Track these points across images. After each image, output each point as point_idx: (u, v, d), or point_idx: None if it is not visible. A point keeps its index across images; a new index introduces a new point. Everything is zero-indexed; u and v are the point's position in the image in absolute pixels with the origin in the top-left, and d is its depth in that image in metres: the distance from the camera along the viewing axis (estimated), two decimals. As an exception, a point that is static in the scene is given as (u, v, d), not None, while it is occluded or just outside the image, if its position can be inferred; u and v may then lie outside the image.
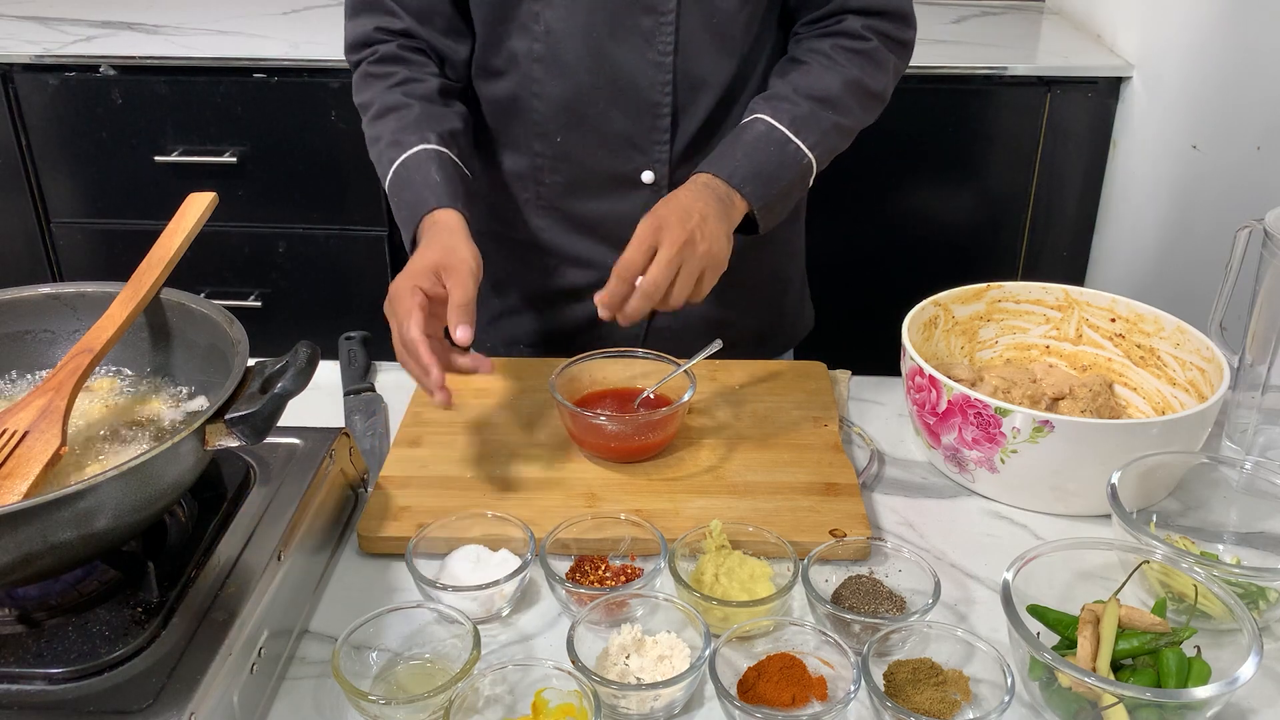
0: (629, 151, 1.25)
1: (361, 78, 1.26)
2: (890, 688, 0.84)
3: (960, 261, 2.37)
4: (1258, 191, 1.76)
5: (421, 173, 1.16)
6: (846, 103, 1.20)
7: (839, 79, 1.19)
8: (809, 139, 1.18)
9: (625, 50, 1.19)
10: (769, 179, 1.16)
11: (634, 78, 1.20)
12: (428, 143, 1.18)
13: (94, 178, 2.31)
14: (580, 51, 1.20)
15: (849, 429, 1.20)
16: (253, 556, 0.86)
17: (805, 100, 1.18)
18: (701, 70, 1.22)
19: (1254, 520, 1.00)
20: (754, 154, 1.16)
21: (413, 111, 1.20)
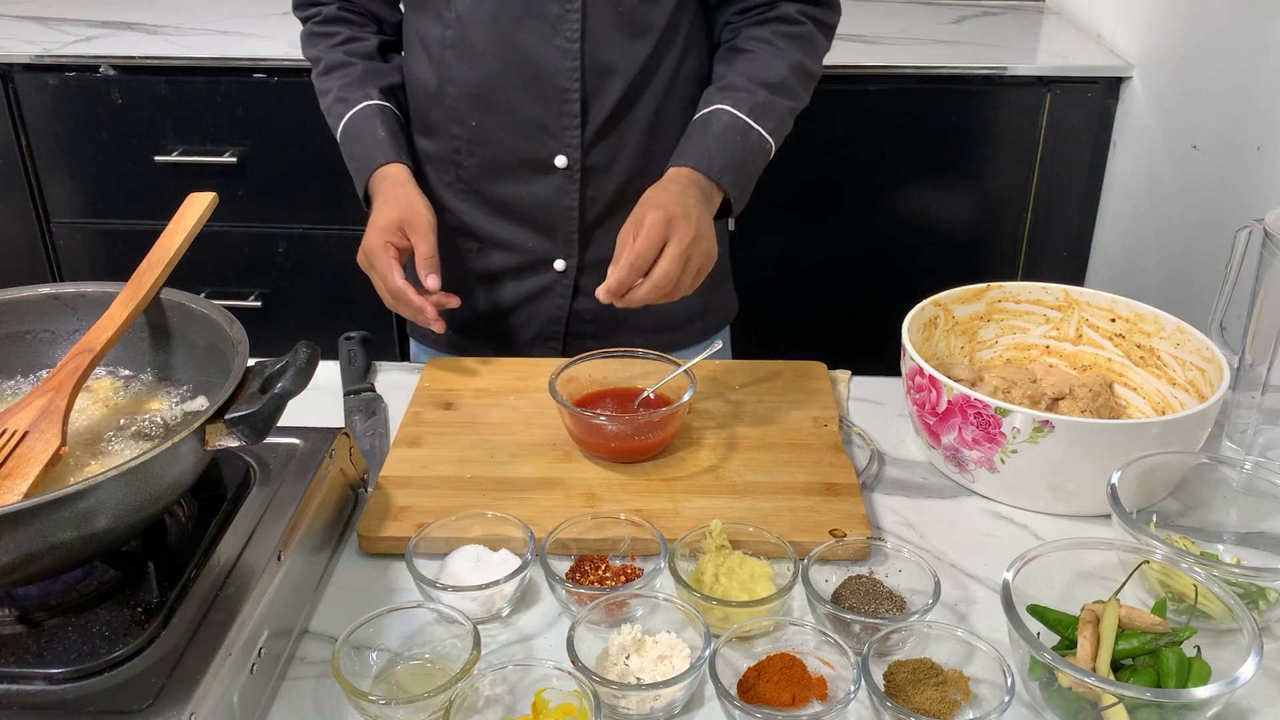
0: (541, 136, 1.28)
1: (308, 35, 1.37)
2: (890, 688, 0.84)
3: (960, 261, 2.37)
4: (1258, 191, 1.76)
5: (368, 128, 1.28)
6: (793, 86, 1.27)
7: (785, 64, 1.25)
8: (768, 125, 1.24)
9: (533, 37, 1.23)
10: (741, 167, 1.22)
11: (542, 65, 1.24)
12: (371, 99, 1.29)
13: (94, 178, 2.31)
14: (490, 38, 1.24)
15: (849, 429, 1.20)
16: (253, 556, 0.86)
17: (760, 88, 1.24)
18: (609, 57, 1.25)
19: (1254, 520, 1.00)
20: (725, 145, 1.21)
21: (356, 70, 1.31)
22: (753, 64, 1.26)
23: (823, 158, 2.28)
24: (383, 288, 1.21)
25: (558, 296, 1.37)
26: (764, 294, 2.43)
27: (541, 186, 1.30)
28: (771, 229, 2.35)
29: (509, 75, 1.25)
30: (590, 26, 1.23)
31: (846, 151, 2.28)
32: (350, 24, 1.34)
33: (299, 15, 1.37)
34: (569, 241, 1.33)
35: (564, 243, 1.33)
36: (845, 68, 2.19)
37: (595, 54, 1.24)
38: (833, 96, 2.22)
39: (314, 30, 1.35)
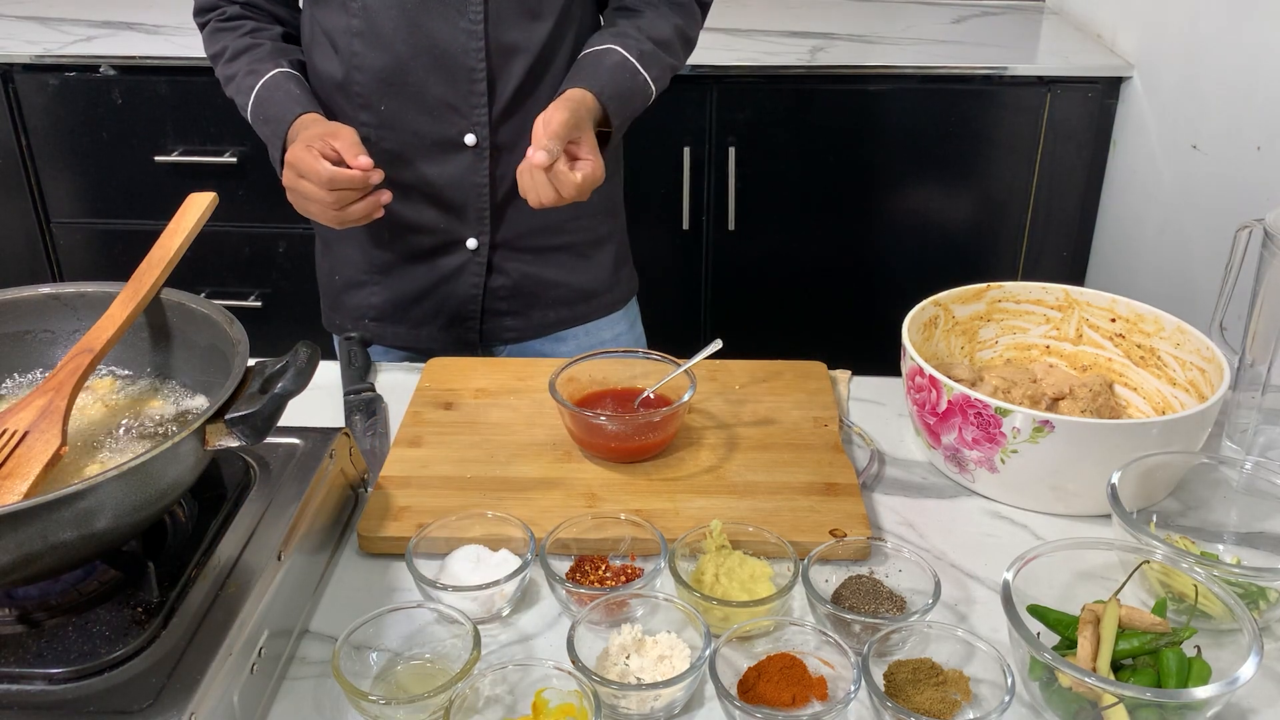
0: (450, 116, 1.31)
1: (211, 33, 1.39)
2: (890, 688, 0.84)
3: (960, 261, 2.37)
4: (1258, 191, 1.76)
5: (282, 90, 1.29)
6: (675, 46, 1.34)
7: (670, 25, 1.33)
8: (652, 73, 1.30)
9: (438, 21, 1.27)
10: (625, 101, 1.28)
11: (448, 46, 1.28)
12: (282, 68, 1.31)
13: (94, 178, 2.31)
14: (397, 24, 1.28)
15: (849, 429, 1.20)
16: (253, 556, 0.86)
17: (648, 40, 1.31)
18: (512, 37, 1.30)
19: (1254, 520, 1.00)
20: (615, 77, 1.27)
21: (264, 48, 1.34)
22: (641, 20, 1.33)
23: (823, 158, 2.28)
24: (313, 188, 1.19)
25: (472, 275, 1.40)
26: (764, 294, 2.43)
27: (452, 166, 1.33)
28: (771, 229, 2.35)
29: (417, 58, 1.28)
30: (492, 8, 1.27)
31: (846, 151, 2.28)
32: (254, 19, 1.38)
33: (200, 20, 1.40)
34: (480, 219, 1.37)
35: (475, 221, 1.37)
36: (845, 68, 2.19)
37: (499, 35, 1.29)
38: (833, 96, 2.23)
39: (217, 27, 1.37)
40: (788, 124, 2.24)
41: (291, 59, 1.34)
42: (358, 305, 1.46)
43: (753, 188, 2.29)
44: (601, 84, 1.25)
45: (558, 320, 1.46)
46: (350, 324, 1.47)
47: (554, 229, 1.41)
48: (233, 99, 1.35)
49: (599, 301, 1.49)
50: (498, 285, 1.42)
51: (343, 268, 1.45)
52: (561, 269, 1.44)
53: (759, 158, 2.26)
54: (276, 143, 1.28)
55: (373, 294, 1.44)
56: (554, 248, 1.42)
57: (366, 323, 1.46)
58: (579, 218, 1.43)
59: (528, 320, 1.45)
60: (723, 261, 2.38)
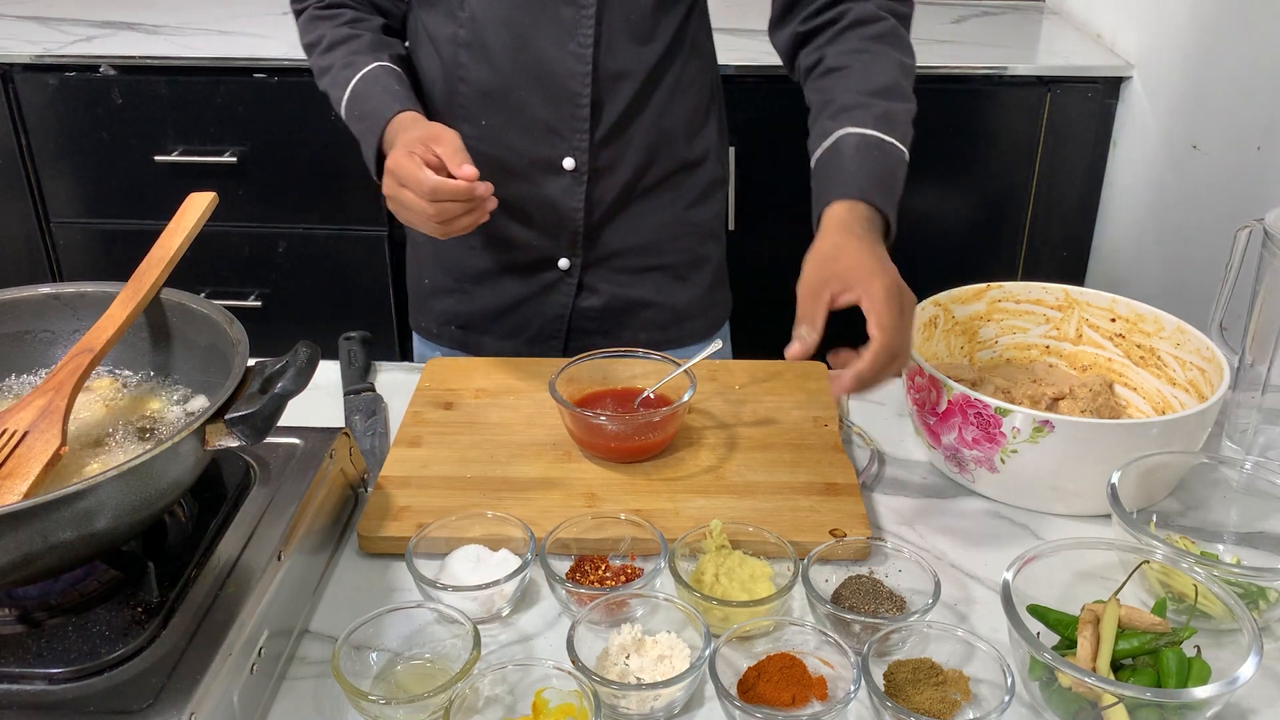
0: (550, 138, 1.27)
1: (308, 20, 1.32)
2: (890, 688, 0.84)
3: (960, 261, 2.37)
4: (1258, 191, 1.76)
5: (380, 84, 1.22)
6: (904, 87, 1.18)
7: (889, 65, 1.17)
8: (897, 134, 1.14)
9: (546, 41, 1.22)
10: (888, 185, 1.11)
11: (554, 68, 1.23)
12: (382, 61, 1.24)
13: (94, 178, 2.31)
14: (503, 39, 1.23)
15: (849, 429, 1.20)
16: (253, 556, 0.86)
17: (875, 99, 1.15)
18: (621, 63, 1.24)
19: (1254, 520, 1.00)
20: (865, 165, 1.11)
21: (364, 40, 1.27)
22: (854, 78, 1.17)
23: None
24: (414, 198, 1.09)
25: (561, 294, 1.37)
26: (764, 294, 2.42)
27: (549, 187, 1.30)
28: (771, 229, 2.34)
29: (521, 76, 1.24)
30: (604, 32, 1.22)
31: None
32: (354, 9, 1.32)
33: (296, 7, 1.35)
34: (573, 241, 1.33)
35: (568, 242, 1.33)
36: (845, 68, 2.18)
37: (607, 60, 1.23)
38: (833, 96, 2.23)
39: (315, 14, 1.32)
40: (788, 124, 2.23)
41: (393, 53, 1.27)
42: (444, 311, 1.43)
43: (753, 188, 2.29)
44: (857, 183, 1.09)
45: (648, 341, 1.37)
46: (435, 328, 1.44)
47: (651, 249, 1.36)
48: (325, 92, 1.29)
49: (692, 325, 1.42)
50: (588, 305, 1.38)
51: (432, 273, 1.42)
52: (655, 289, 1.38)
53: (759, 158, 2.25)
54: (371, 140, 1.20)
55: (460, 302, 1.41)
56: (649, 268, 1.37)
57: (452, 329, 1.43)
58: (678, 238, 1.37)
59: (616, 340, 1.38)
60: (723, 261, 2.38)
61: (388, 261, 2.35)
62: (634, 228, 1.35)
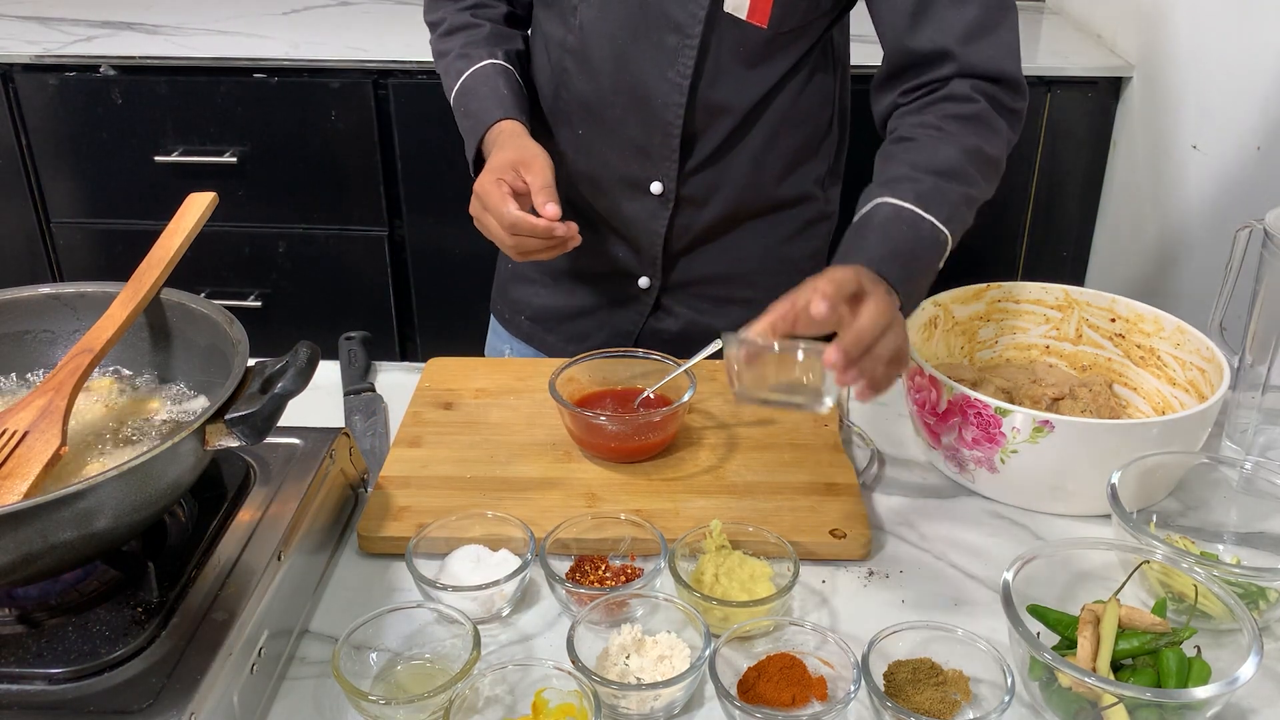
0: (640, 160, 1.25)
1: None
2: (890, 688, 0.84)
3: (960, 261, 2.35)
4: (1258, 191, 1.76)
5: (489, 85, 1.21)
6: (969, 172, 1.09)
7: (956, 148, 1.08)
8: (940, 214, 1.05)
9: (646, 64, 1.19)
10: (908, 258, 1.02)
11: (650, 93, 1.20)
12: (495, 59, 1.24)
13: (94, 178, 2.31)
14: (606, 54, 1.21)
15: (849, 429, 1.20)
16: (253, 556, 0.86)
17: (927, 175, 1.07)
18: (722, 97, 1.20)
19: (1254, 520, 1.00)
20: (889, 235, 1.03)
21: (482, 30, 1.27)
22: (918, 152, 1.09)
23: (823, 158, 2.28)
24: (496, 227, 1.10)
25: (635, 312, 1.35)
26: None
27: (635, 206, 1.28)
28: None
29: (619, 94, 1.22)
30: (707, 64, 1.18)
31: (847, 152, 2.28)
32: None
33: None
34: (654, 263, 1.31)
35: (649, 263, 1.31)
36: (845, 68, 2.19)
37: (707, 92, 1.20)
38: (833, 96, 2.23)
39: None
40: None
41: (509, 49, 1.26)
42: (519, 299, 1.42)
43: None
44: (871, 252, 1.00)
45: None
46: (509, 314, 1.44)
47: (737, 280, 1.32)
48: (439, 75, 1.29)
49: None
50: (662, 326, 1.35)
51: None
52: (735, 322, 1.24)
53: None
54: (472, 143, 1.21)
55: (537, 294, 1.40)
56: (733, 300, 1.32)
57: (523, 320, 1.43)
58: (769, 273, 1.31)
59: None
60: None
61: (388, 261, 2.35)
62: (721, 257, 1.32)
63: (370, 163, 2.25)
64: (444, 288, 2.38)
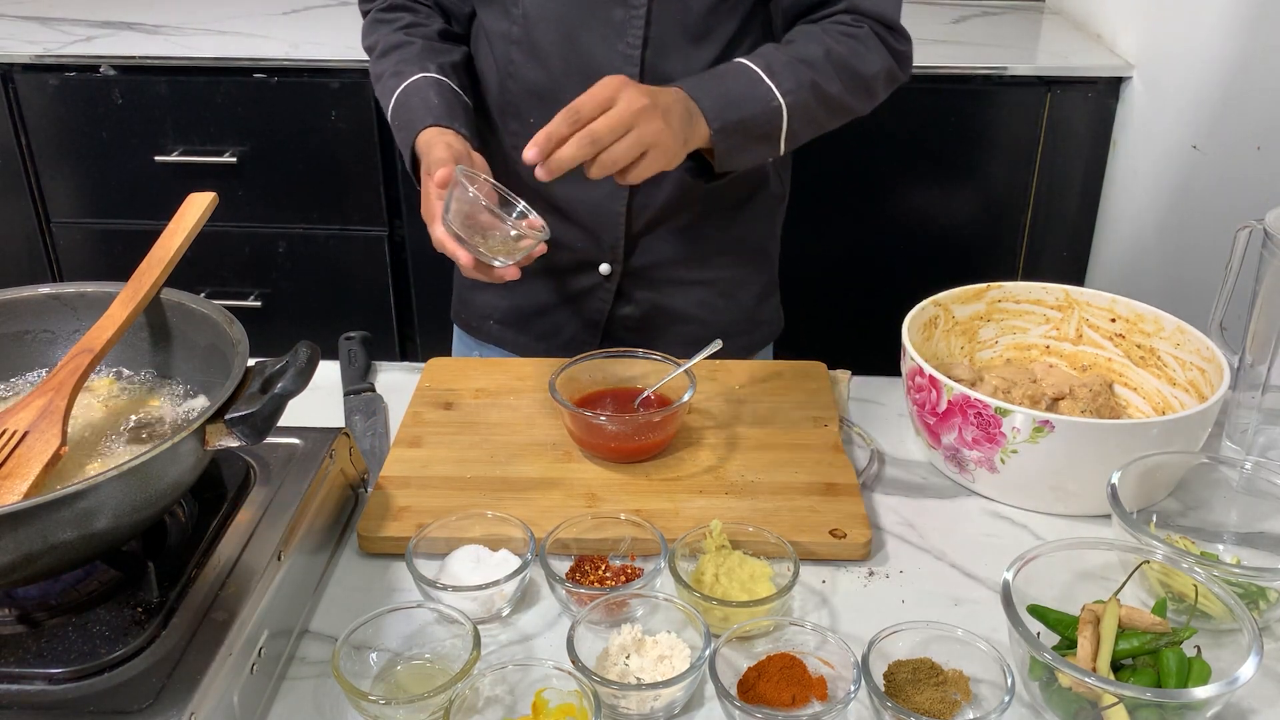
0: None
1: (370, 23, 1.34)
2: (890, 688, 0.84)
3: (960, 261, 2.37)
4: (1258, 191, 1.76)
5: (420, 96, 1.23)
6: (827, 70, 1.17)
7: (821, 48, 1.18)
8: (782, 84, 1.14)
9: (596, 42, 1.22)
10: (733, 105, 1.12)
11: (602, 69, 1.21)
12: (427, 72, 1.25)
13: (94, 178, 2.32)
14: (554, 37, 1.23)
15: (849, 429, 1.20)
16: (253, 556, 0.86)
17: (784, 54, 1.16)
18: (670, 66, 1.23)
19: (1254, 520, 1.00)
20: (722, 80, 1.13)
21: (414, 47, 1.28)
22: (789, 43, 1.19)
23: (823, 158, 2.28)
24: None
25: (598, 300, 1.36)
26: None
27: (592, 190, 1.28)
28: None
29: (570, 76, 1.23)
30: (654, 34, 1.21)
31: (847, 151, 2.28)
32: (415, 11, 1.32)
33: (364, 7, 1.36)
34: (614, 247, 1.32)
35: (610, 247, 1.32)
36: (845, 68, 2.19)
37: (656, 62, 1.22)
38: (833, 96, 2.23)
39: (377, 18, 1.33)
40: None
41: (442, 61, 1.27)
42: (484, 305, 1.43)
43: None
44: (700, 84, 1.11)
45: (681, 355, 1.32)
46: (475, 321, 1.45)
47: (695, 262, 1.35)
48: (379, 99, 1.30)
49: (732, 344, 1.37)
50: (625, 313, 1.37)
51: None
52: (696, 303, 1.37)
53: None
54: (406, 153, 1.23)
55: (501, 297, 1.41)
56: (692, 281, 1.36)
57: (490, 324, 1.43)
58: (725, 254, 1.36)
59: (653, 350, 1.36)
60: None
61: (388, 261, 2.35)
62: (679, 239, 1.33)
63: (370, 163, 2.25)
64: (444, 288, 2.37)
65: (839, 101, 1.19)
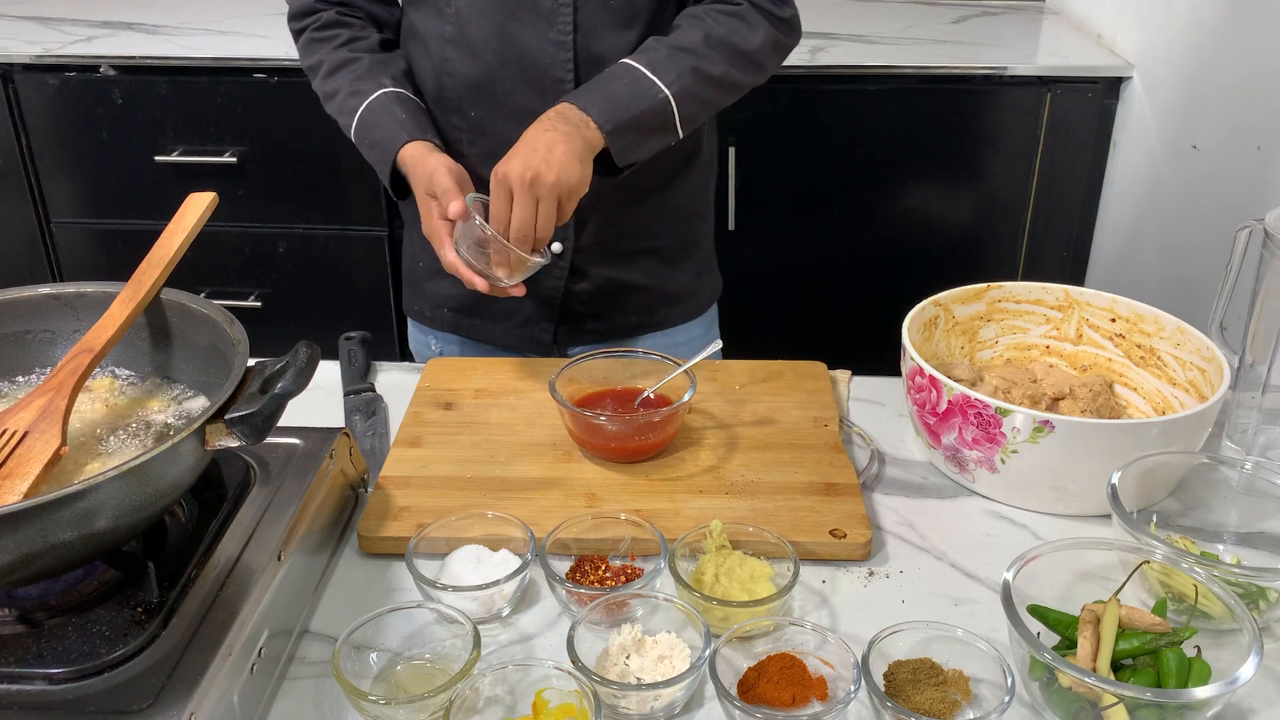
0: None
1: (307, 43, 1.35)
2: (890, 688, 0.84)
3: (960, 261, 2.37)
4: (1258, 191, 1.76)
5: (387, 113, 1.25)
6: (708, 53, 1.22)
7: (700, 32, 1.23)
8: (664, 76, 1.20)
9: (528, 31, 1.26)
10: (619, 105, 1.18)
11: (537, 57, 1.26)
12: (385, 88, 1.27)
13: (94, 178, 2.32)
14: (487, 32, 1.27)
15: (849, 429, 1.20)
16: (253, 556, 0.86)
17: (664, 47, 1.22)
18: (601, 48, 1.27)
19: (1254, 520, 1.00)
20: (607, 84, 1.19)
21: (363, 63, 1.30)
22: (670, 33, 1.25)
23: (823, 158, 2.28)
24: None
25: (554, 278, 1.39)
26: (764, 293, 2.43)
27: None
28: (771, 228, 2.35)
29: (506, 67, 1.27)
30: (582, 19, 1.25)
31: (846, 151, 2.28)
32: (350, 26, 1.34)
33: (295, 26, 1.37)
34: (565, 225, 1.34)
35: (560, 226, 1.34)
36: (845, 68, 2.19)
37: (587, 45, 1.26)
38: (833, 96, 2.23)
39: (313, 37, 1.34)
40: (788, 124, 2.24)
41: (394, 72, 1.30)
42: (438, 293, 1.45)
43: (753, 188, 2.29)
44: (587, 93, 1.18)
45: (639, 324, 1.44)
46: (429, 310, 1.47)
47: (643, 233, 1.40)
48: (334, 117, 1.32)
49: (682, 307, 1.47)
50: (580, 289, 1.40)
51: (426, 255, 1.42)
52: (646, 273, 1.42)
53: (759, 158, 2.26)
54: (384, 170, 1.26)
55: (454, 284, 1.42)
56: (641, 251, 1.41)
57: (445, 312, 1.46)
58: (668, 221, 1.41)
59: (608, 324, 1.43)
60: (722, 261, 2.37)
61: (388, 261, 2.35)
62: (625, 212, 1.37)
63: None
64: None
65: (726, 80, 1.24)
